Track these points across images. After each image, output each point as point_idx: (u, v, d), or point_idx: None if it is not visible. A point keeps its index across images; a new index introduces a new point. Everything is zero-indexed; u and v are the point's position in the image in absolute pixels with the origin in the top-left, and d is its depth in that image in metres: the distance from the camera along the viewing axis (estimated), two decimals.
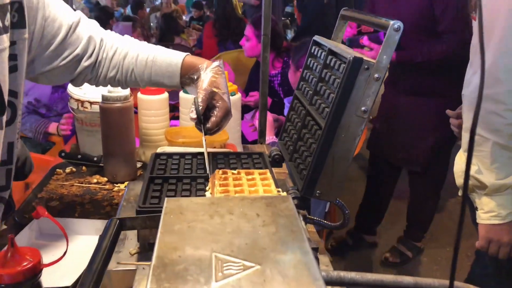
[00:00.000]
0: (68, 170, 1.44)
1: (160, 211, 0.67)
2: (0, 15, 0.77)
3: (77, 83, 1.05)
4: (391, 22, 0.73)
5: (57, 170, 1.44)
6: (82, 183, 1.36)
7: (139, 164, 1.47)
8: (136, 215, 0.79)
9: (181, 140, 1.34)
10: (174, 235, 0.59)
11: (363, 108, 0.77)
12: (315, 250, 0.67)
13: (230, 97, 1.45)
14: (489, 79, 1.11)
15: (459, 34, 1.95)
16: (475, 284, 1.74)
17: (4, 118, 0.80)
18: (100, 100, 1.33)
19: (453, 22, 1.97)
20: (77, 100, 1.46)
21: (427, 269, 2.67)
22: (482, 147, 1.13)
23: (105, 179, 1.38)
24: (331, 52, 0.87)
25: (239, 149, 1.57)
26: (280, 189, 0.88)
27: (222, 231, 0.60)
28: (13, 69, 0.82)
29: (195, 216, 0.63)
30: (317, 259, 0.67)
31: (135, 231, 0.85)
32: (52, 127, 2.46)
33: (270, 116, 2.09)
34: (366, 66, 0.76)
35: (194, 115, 0.97)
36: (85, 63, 1.00)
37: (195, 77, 1.01)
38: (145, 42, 1.07)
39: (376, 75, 0.76)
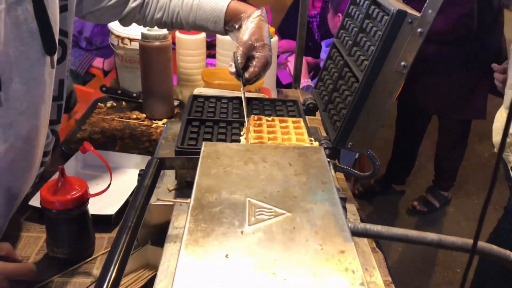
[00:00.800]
0: (109, 104, 1.50)
1: (197, 152, 0.71)
2: None
3: (125, 23, 1.08)
4: None
5: (99, 104, 1.50)
6: (122, 118, 1.42)
7: (176, 102, 1.51)
8: (175, 156, 0.84)
9: (217, 82, 1.37)
10: (211, 178, 0.63)
11: (403, 63, 0.77)
12: (344, 200, 0.69)
13: None
14: None
15: (461, 7, 1.88)
16: (500, 238, 1.78)
17: (55, 57, 0.84)
18: (139, 37, 1.35)
19: None
20: (117, 37, 1.49)
21: (453, 220, 2.70)
22: None
23: (144, 115, 1.43)
24: (374, 2, 0.85)
25: (274, 93, 1.58)
26: (312, 138, 0.90)
27: (256, 178, 0.63)
28: (63, 8, 0.85)
29: (230, 162, 0.67)
30: (344, 208, 0.70)
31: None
32: (97, 62, 2.53)
33: (304, 60, 2.06)
34: (409, 20, 0.74)
35: (233, 69, 0.97)
36: (132, 4, 1.02)
37: (237, 26, 1.00)
38: None
39: (419, 30, 0.74)
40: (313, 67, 2.36)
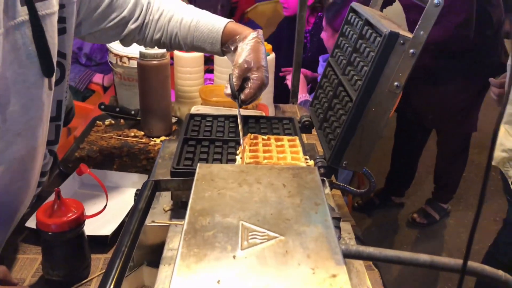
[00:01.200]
0: (107, 122, 1.51)
1: (193, 173, 0.71)
2: None
3: (126, 43, 1.08)
4: None
5: (97, 122, 1.51)
6: (120, 136, 1.43)
7: (174, 119, 1.52)
8: (170, 177, 0.84)
9: (215, 99, 1.37)
10: (205, 201, 0.63)
11: (396, 84, 0.77)
12: (338, 219, 0.70)
13: None
14: None
15: (456, 16, 1.90)
16: (499, 251, 1.77)
17: (53, 79, 0.85)
18: (138, 55, 1.36)
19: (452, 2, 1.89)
20: (116, 55, 1.50)
21: (453, 232, 2.69)
22: None
23: (142, 133, 1.44)
24: (368, 23, 0.86)
25: (271, 109, 1.59)
26: (307, 157, 0.91)
27: (250, 200, 0.64)
28: (62, 31, 0.86)
29: (225, 184, 0.67)
30: (338, 228, 0.70)
31: None
32: (97, 78, 2.56)
33: (302, 74, 2.07)
34: (402, 41, 0.75)
35: (228, 91, 0.97)
36: (132, 25, 1.02)
37: (233, 48, 1.01)
38: (192, 6, 1.08)
39: (411, 51, 0.75)
40: (310, 80, 2.37)
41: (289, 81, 2.16)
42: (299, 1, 1.61)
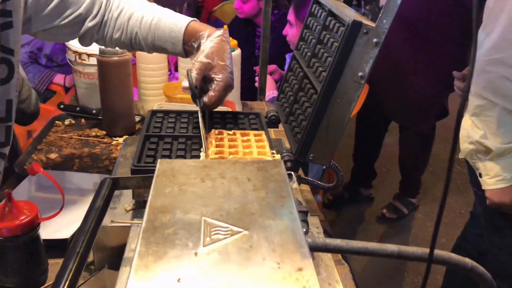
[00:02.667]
0: (67, 122, 1.45)
1: (154, 171, 0.68)
2: None
3: (85, 42, 1.01)
4: None
5: (56, 122, 1.44)
6: (81, 136, 1.37)
7: (137, 118, 1.47)
8: (131, 175, 0.81)
9: (179, 96, 1.34)
10: (165, 198, 0.60)
11: (360, 74, 0.76)
12: (305, 213, 0.68)
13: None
14: (502, 42, 1.08)
15: None
16: (467, 243, 1.79)
17: None
18: (98, 52, 1.31)
19: None
20: (75, 52, 1.44)
21: (422, 226, 2.74)
22: (489, 112, 1.12)
23: (104, 132, 1.39)
24: (331, 14, 0.85)
25: (238, 106, 1.57)
26: (274, 151, 0.89)
27: (213, 195, 0.61)
28: (8, 25, 0.80)
29: (186, 179, 0.65)
30: (306, 222, 0.69)
31: None
32: (58, 78, 2.46)
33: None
34: (365, 31, 0.74)
35: (186, 84, 0.88)
36: (89, 23, 0.96)
37: (196, 46, 0.95)
38: (154, 4, 1.02)
39: (375, 40, 0.74)
40: (279, 79, 2.36)
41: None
42: None
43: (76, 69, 1.48)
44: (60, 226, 0.93)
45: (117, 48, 1.13)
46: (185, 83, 0.89)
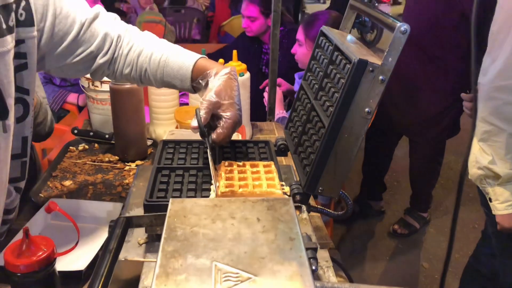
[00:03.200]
0: (81, 147, 1.48)
1: (166, 205, 0.70)
2: (3, 15, 0.77)
3: (96, 77, 1.04)
4: (398, 24, 0.72)
5: (70, 147, 1.48)
6: (94, 162, 1.40)
7: (149, 142, 1.50)
8: (143, 210, 0.83)
9: (189, 122, 1.36)
10: (177, 241, 0.61)
11: (366, 110, 0.78)
12: (314, 250, 0.69)
13: (239, 78, 1.46)
14: (508, 69, 1.09)
15: None
16: (480, 262, 1.76)
17: (11, 119, 0.82)
18: (110, 80, 1.34)
19: None
20: (88, 79, 1.48)
21: (434, 241, 2.72)
22: (497, 137, 1.13)
23: (117, 157, 1.42)
24: (337, 49, 0.86)
25: (248, 128, 1.59)
26: (283, 183, 0.90)
27: (223, 238, 0.63)
28: (22, 67, 0.83)
29: (198, 220, 0.66)
30: (315, 259, 0.70)
31: None
32: (72, 97, 2.52)
33: (279, 90, 2.07)
34: (371, 68, 0.75)
35: (195, 123, 0.88)
36: (100, 60, 0.98)
37: (204, 84, 0.95)
38: (164, 40, 1.04)
39: (381, 77, 0.75)
40: (287, 93, 2.37)
41: (266, 94, 2.16)
42: (272, 19, 1.61)
43: (90, 95, 1.52)
44: (75, 257, 0.95)
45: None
46: (194, 123, 0.89)
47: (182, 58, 0.98)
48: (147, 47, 1.00)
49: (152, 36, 1.04)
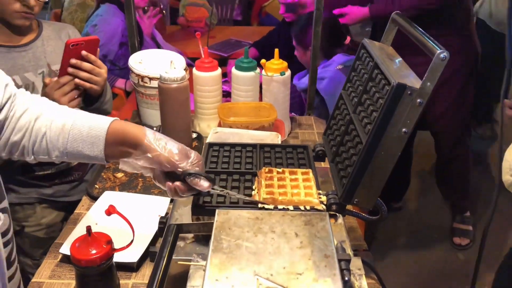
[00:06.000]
0: None
1: (212, 208, 0.78)
2: None
3: None
4: (438, 50, 0.74)
5: None
6: None
7: (194, 135, 1.58)
8: (191, 213, 0.90)
9: (232, 119, 1.43)
10: (223, 253, 0.69)
11: (404, 130, 0.81)
12: (347, 262, 0.75)
13: (279, 77, 1.50)
14: None
15: None
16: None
17: None
18: (158, 76, 1.42)
19: None
20: (138, 75, 1.56)
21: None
22: None
23: None
24: (377, 66, 0.89)
25: (287, 123, 1.64)
26: (320, 192, 0.95)
27: (264, 251, 0.69)
28: None
29: (241, 233, 0.73)
30: (348, 270, 0.75)
31: None
32: (120, 83, 2.64)
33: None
34: (409, 92, 0.78)
35: (206, 183, 0.81)
36: None
37: (139, 151, 0.82)
38: (70, 109, 0.89)
39: (418, 100, 0.78)
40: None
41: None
42: (314, 16, 1.63)
43: (139, 90, 1.60)
44: (129, 249, 1.05)
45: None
46: (205, 183, 0.82)
47: (94, 119, 0.86)
48: (48, 111, 0.87)
49: (53, 103, 0.91)
